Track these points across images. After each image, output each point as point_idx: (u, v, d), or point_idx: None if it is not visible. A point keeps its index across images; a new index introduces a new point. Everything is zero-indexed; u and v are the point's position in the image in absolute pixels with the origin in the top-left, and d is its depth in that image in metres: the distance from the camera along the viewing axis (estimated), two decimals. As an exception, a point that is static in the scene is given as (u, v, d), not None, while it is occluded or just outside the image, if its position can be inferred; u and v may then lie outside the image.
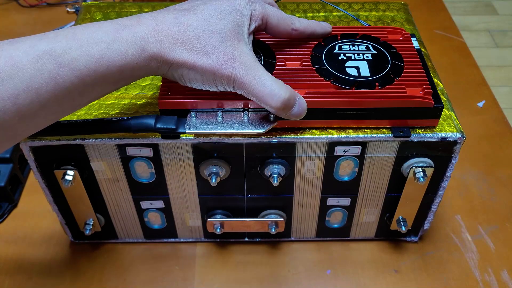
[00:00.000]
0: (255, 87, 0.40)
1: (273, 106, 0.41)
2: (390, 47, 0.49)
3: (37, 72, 0.34)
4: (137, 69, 0.38)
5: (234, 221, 0.54)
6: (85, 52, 0.36)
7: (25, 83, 0.34)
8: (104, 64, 0.37)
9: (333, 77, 0.46)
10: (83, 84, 0.36)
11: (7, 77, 0.33)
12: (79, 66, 0.36)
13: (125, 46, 0.37)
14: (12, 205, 0.62)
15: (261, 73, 0.40)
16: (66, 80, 0.35)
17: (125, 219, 0.55)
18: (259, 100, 0.41)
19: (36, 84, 0.34)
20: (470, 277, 0.55)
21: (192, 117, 0.45)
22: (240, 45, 0.40)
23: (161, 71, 0.40)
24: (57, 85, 0.35)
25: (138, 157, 0.48)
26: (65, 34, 0.36)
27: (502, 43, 1.93)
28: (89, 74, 0.36)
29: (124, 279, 0.55)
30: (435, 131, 0.46)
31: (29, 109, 0.35)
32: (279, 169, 0.48)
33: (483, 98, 0.77)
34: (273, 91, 0.40)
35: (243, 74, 0.40)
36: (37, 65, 0.34)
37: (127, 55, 0.37)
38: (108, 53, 0.37)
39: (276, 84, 0.41)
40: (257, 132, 0.44)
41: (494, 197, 0.63)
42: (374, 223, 0.56)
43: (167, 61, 0.39)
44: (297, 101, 0.42)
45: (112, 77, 0.38)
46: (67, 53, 0.35)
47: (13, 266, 0.56)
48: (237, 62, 0.40)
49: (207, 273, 0.56)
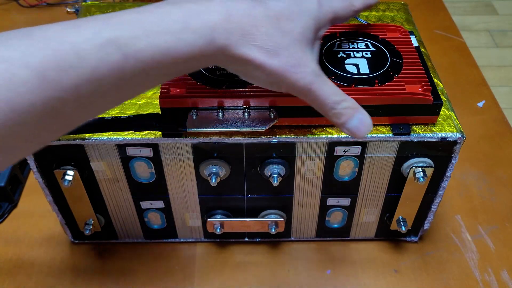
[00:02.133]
0: (319, 94, 0.39)
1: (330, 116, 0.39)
2: (389, 44, 0.49)
3: (100, 62, 0.32)
4: (203, 61, 0.36)
5: (234, 221, 0.54)
6: (152, 42, 0.33)
7: (88, 74, 0.32)
8: (171, 55, 0.34)
9: (333, 74, 0.46)
10: (146, 75, 0.34)
11: (70, 67, 0.31)
12: (145, 57, 0.33)
13: (194, 37, 0.34)
14: (12, 205, 0.62)
15: (326, 81, 0.39)
16: (131, 71, 0.33)
17: (125, 219, 0.55)
18: (319, 108, 0.40)
19: (99, 74, 0.32)
20: (470, 277, 0.55)
21: (193, 116, 0.45)
22: (308, 49, 0.39)
23: (226, 64, 0.38)
24: (120, 76, 0.33)
25: (138, 157, 0.48)
26: (130, 20, 0.34)
27: (502, 43, 1.93)
28: (153, 66, 0.34)
29: (124, 279, 0.55)
30: (435, 131, 0.46)
31: (89, 98, 0.33)
32: (279, 169, 0.48)
33: (483, 98, 0.77)
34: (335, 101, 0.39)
35: (310, 80, 0.38)
36: (101, 54, 0.32)
37: (194, 47, 0.34)
38: (176, 44, 0.34)
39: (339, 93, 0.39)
40: (258, 130, 0.44)
41: (494, 197, 0.63)
42: (374, 223, 0.56)
43: (234, 56, 0.36)
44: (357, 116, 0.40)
45: (176, 68, 0.36)
46: (133, 43, 0.33)
47: (13, 266, 0.56)
48: (306, 66, 0.38)
49: (207, 273, 0.56)
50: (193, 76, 0.46)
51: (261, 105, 0.45)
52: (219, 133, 0.45)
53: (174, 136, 0.45)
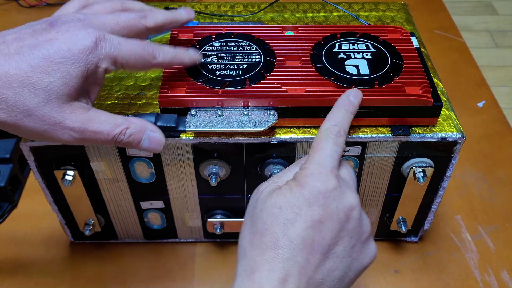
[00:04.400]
0: (96, 136, 0.37)
1: (122, 146, 0.39)
2: (390, 45, 0.49)
3: None
4: None
5: (234, 221, 0.54)
6: None
7: None
8: None
9: (333, 75, 0.46)
10: None
11: None
12: None
13: None
14: (12, 205, 0.62)
15: (99, 120, 0.37)
16: None
17: (125, 219, 0.55)
18: (108, 144, 0.39)
19: None
20: (470, 277, 0.55)
21: (192, 116, 0.45)
22: (70, 100, 0.36)
23: None
24: None
25: (138, 157, 0.48)
26: None
27: (502, 43, 1.93)
28: None
29: (124, 279, 0.55)
30: (435, 131, 0.46)
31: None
32: (279, 169, 0.48)
33: (483, 98, 0.77)
34: (117, 133, 0.38)
35: (78, 131, 0.36)
36: None
37: None
38: None
39: (118, 122, 0.38)
40: (257, 130, 0.44)
41: (494, 197, 0.63)
42: (374, 223, 0.56)
43: None
44: (146, 137, 0.39)
45: None
46: None
47: (13, 266, 0.56)
48: (67, 121, 0.36)
49: (207, 273, 0.56)
50: (193, 76, 0.46)
51: (261, 105, 0.45)
52: (219, 133, 0.45)
53: (174, 136, 0.45)
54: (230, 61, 0.47)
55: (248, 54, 0.48)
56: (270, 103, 0.45)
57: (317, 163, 0.36)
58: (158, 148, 0.40)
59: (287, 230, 0.34)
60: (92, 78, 0.38)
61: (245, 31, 0.51)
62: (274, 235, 0.34)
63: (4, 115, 0.34)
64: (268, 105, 0.45)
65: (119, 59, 0.38)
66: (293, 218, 0.34)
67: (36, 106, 0.34)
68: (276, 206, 0.35)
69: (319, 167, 0.36)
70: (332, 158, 0.37)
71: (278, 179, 0.38)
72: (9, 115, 0.34)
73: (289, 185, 0.36)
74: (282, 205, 0.35)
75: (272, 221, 0.35)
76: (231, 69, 0.46)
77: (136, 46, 0.39)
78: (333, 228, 0.35)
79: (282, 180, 0.38)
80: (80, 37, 0.36)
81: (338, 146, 0.38)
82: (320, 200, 0.35)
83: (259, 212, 0.36)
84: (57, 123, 0.36)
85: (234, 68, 0.47)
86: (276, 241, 0.34)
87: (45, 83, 0.35)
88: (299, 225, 0.34)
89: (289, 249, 0.34)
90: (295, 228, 0.34)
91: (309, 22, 0.58)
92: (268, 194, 0.36)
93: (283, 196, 0.35)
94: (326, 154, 0.37)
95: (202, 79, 0.45)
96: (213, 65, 0.47)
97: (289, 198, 0.35)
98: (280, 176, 0.39)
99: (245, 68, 0.47)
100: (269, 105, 0.45)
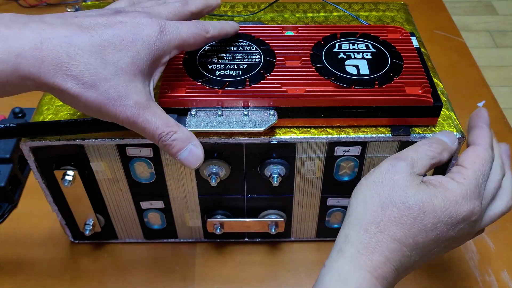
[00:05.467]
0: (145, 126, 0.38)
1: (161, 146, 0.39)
2: (390, 45, 0.49)
3: None
4: (9, 86, 0.34)
5: (234, 221, 0.54)
6: None
7: None
8: None
9: (333, 75, 0.46)
10: None
11: None
12: None
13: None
14: (12, 205, 0.62)
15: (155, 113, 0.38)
16: None
17: (125, 219, 0.55)
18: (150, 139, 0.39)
19: None
20: (470, 277, 0.55)
21: (192, 115, 0.45)
22: (136, 80, 0.37)
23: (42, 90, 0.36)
24: None
25: (138, 157, 0.48)
26: None
27: (502, 43, 1.93)
28: None
29: (124, 279, 0.55)
30: (435, 131, 0.46)
31: None
32: (279, 169, 0.48)
33: (483, 98, 0.77)
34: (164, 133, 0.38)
35: (132, 113, 0.37)
36: None
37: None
38: None
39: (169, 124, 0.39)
40: (257, 130, 0.44)
41: (494, 197, 0.63)
42: (374, 223, 0.56)
43: (46, 85, 0.35)
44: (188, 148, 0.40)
45: None
46: None
47: (13, 266, 0.56)
48: (128, 99, 0.36)
49: (207, 273, 0.56)
50: (193, 76, 0.46)
51: (261, 105, 0.45)
52: (219, 133, 0.45)
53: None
54: (230, 61, 0.47)
55: (248, 54, 0.48)
56: (270, 103, 0.45)
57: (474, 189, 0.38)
58: (194, 163, 0.40)
59: (418, 233, 0.37)
60: (156, 63, 0.39)
61: (245, 31, 0.51)
62: (404, 233, 0.36)
63: (70, 83, 0.35)
64: (268, 105, 0.45)
65: (181, 41, 0.40)
66: (430, 229, 0.37)
67: (104, 78, 0.35)
68: (421, 209, 0.37)
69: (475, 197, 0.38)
70: None
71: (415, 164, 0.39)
72: (75, 83, 0.35)
73: (444, 196, 0.37)
74: (426, 211, 0.36)
75: (409, 220, 0.37)
76: (231, 69, 0.46)
77: (191, 25, 0.41)
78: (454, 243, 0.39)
79: (419, 166, 0.39)
80: (146, 24, 0.38)
81: None
82: (460, 225, 0.37)
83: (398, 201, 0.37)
84: (119, 98, 0.36)
85: (234, 68, 0.47)
86: (405, 239, 0.36)
87: (116, 58, 0.36)
88: (431, 236, 0.37)
89: (410, 248, 0.37)
90: (426, 237, 0.37)
91: (309, 22, 0.58)
92: (411, 186, 0.37)
93: (431, 204, 0.37)
94: None
95: (202, 79, 0.46)
96: (213, 65, 0.47)
97: (438, 212, 0.37)
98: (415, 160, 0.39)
99: (245, 68, 0.47)
100: (269, 105, 0.45)
